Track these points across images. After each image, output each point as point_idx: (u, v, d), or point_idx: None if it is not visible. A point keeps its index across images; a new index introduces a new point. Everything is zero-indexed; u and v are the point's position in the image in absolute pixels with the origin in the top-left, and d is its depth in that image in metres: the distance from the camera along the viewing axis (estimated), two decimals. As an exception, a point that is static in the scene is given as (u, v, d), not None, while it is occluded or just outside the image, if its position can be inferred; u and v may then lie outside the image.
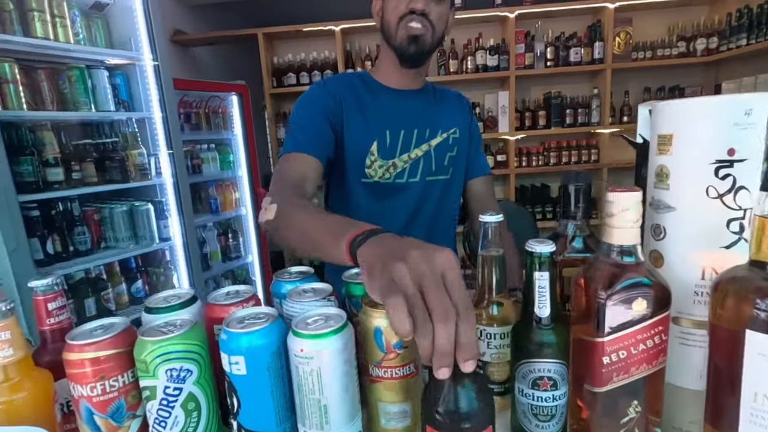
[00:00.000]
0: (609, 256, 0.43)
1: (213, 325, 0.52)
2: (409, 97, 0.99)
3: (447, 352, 0.34)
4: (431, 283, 0.37)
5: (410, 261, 0.38)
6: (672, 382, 0.46)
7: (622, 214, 0.41)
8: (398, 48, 0.93)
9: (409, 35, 0.90)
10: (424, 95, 1.01)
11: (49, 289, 0.50)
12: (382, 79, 1.00)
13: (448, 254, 0.39)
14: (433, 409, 0.38)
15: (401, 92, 0.99)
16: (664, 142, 0.44)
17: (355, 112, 0.94)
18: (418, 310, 0.35)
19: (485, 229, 0.54)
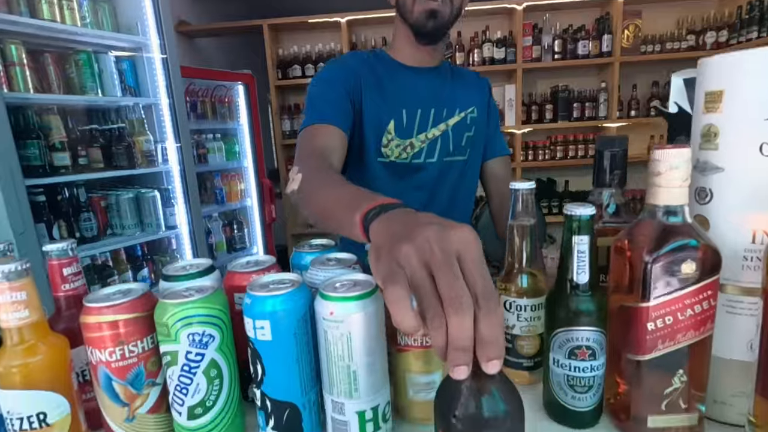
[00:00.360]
0: (654, 218, 0.41)
1: (233, 293, 0.50)
2: (425, 74, 0.97)
3: (463, 347, 0.29)
4: (442, 266, 0.30)
5: (418, 241, 0.32)
6: (717, 353, 0.44)
7: (670, 172, 0.39)
8: (415, 24, 0.90)
9: (426, 10, 0.87)
10: (441, 73, 0.99)
11: (63, 253, 0.49)
12: (397, 56, 0.97)
13: (465, 231, 0.32)
14: (448, 413, 0.32)
15: (418, 69, 0.96)
16: (712, 100, 0.42)
17: (373, 89, 0.92)
18: (426, 298, 0.30)
19: (516, 196, 0.52)
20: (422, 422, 0.48)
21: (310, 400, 0.46)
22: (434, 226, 0.32)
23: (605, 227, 0.52)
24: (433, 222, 0.33)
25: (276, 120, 3.47)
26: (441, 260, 0.30)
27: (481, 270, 0.31)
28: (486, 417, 0.31)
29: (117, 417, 0.44)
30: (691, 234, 0.40)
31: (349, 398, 0.42)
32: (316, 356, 0.46)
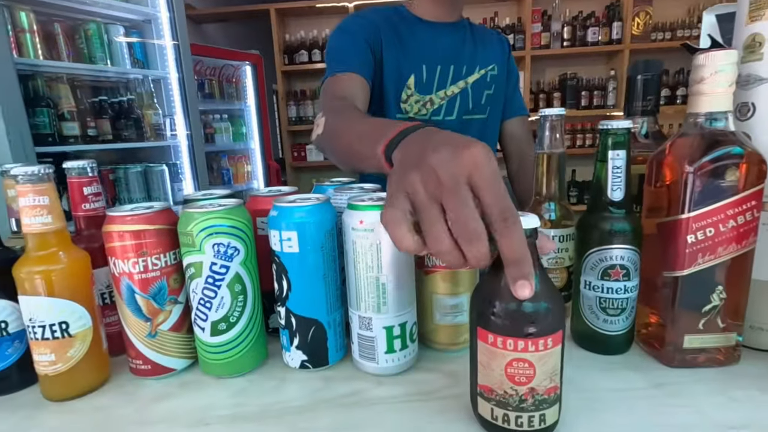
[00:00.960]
0: (696, 128, 0.40)
1: (257, 218, 0.49)
2: (445, 30, 0.95)
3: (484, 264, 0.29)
4: (448, 195, 0.29)
5: (424, 169, 0.30)
6: (755, 276, 0.43)
7: (715, 77, 0.38)
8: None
9: None
10: (461, 30, 0.97)
11: (83, 172, 0.48)
12: (417, 11, 0.96)
13: (476, 151, 0.30)
14: (487, 307, 0.32)
15: (438, 25, 0.95)
16: (758, 6, 0.40)
17: (393, 43, 0.91)
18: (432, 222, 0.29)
19: (544, 123, 0.51)
20: (448, 347, 0.47)
21: (335, 320, 0.45)
22: (444, 150, 0.31)
23: (637, 155, 0.50)
24: (446, 143, 0.31)
25: (282, 106, 3.46)
26: (448, 188, 0.29)
27: (494, 190, 0.29)
28: (527, 312, 0.31)
29: (139, 332, 0.43)
30: (736, 142, 0.38)
31: (377, 312, 0.41)
32: (341, 276, 0.45)
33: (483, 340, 0.32)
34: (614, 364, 0.45)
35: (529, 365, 0.31)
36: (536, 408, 0.32)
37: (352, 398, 0.40)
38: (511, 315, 0.31)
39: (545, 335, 0.30)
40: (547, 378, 0.31)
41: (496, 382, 0.32)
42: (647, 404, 0.38)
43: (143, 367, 0.44)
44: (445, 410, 0.38)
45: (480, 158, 0.30)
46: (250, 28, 4.03)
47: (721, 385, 0.40)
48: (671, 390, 0.40)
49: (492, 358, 0.31)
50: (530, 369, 0.31)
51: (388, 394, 0.41)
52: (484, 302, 0.32)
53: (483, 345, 0.32)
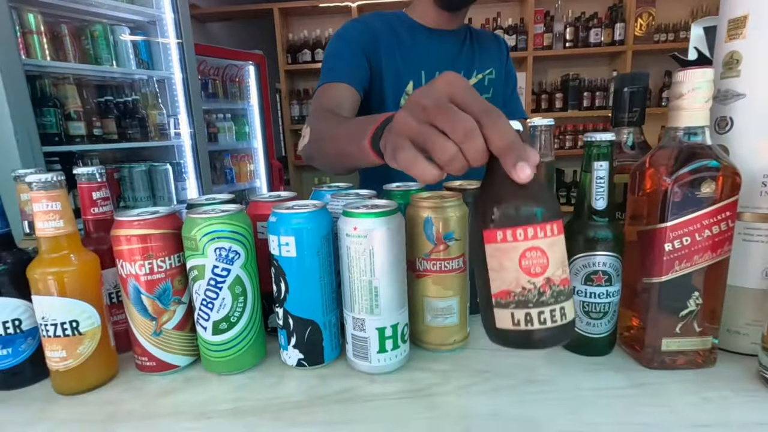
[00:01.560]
0: (675, 141, 0.42)
1: (257, 222, 0.51)
2: (445, 37, 0.97)
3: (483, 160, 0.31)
4: (435, 111, 0.31)
5: (408, 106, 0.34)
6: (731, 282, 0.45)
7: (693, 93, 0.40)
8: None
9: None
10: (460, 35, 0.99)
11: (92, 177, 0.50)
12: (418, 17, 0.98)
13: (447, 75, 0.33)
14: (492, 207, 0.31)
15: (437, 32, 0.97)
16: (736, 26, 0.42)
17: (392, 49, 0.92)
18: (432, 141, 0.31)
19: (534, 134, 0.53)
20: (439, 348, 0.49)
21: (331, 321, 0.47)
22: (421, 89, 0.34)
23: (623, 165, 0.52)
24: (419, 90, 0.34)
25: (285, 105, 3.48)
26: (434, 109, 0.32)
27: (472, 95, 0.32)
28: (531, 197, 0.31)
29: (145, 330, 0.45)
30: (712, 155, 0.40)
31: (370, 314, 0.43)
32: (337, 280, 0.47)
33: (492, 242, 0.31)
34: (597, 365, 0.47)
35: (541, 253, 0.31)
36: (555, 300, 0.31)
37: (346, 395, 0.43)
38: (517, 204, 0.31)
39: (551, 220, 0.31)
40: (559, 267, 0.31)
41: (512, 280, 0.31)
42: (625, 403, 0.40)
43: (149, 363, 0.46)
44: (435, 407, 0.41)
45: (452, 77, 0.33)
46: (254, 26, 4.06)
47: (697, 386, 0.42)
48: (649, 390, 0.42)
49: (504, 257, 0.31)
50: (543, 257, 0.31)
51: (381, 391, 0.43)
52: (488, 204, 0.32)
53: (493, 247, 0.31)
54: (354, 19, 0.97)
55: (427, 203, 0.46)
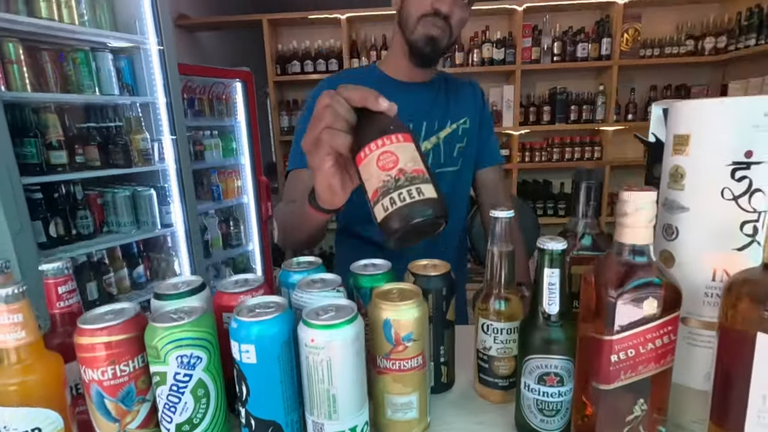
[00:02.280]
0: (621, 255, 0.43)
1: (222, 312, 0.52)
2: (418, 89, 0.98)
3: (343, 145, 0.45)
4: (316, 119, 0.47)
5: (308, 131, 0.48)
6: (678, 381, 0.47)
7: (637, 213, 0.41)
8: (413, 44, 0.92)
9: (427, 35, 0.89)
10: (435, 86, 1.00)
11: (59, 272, 0.51)
12: (391, 71, 0.99)
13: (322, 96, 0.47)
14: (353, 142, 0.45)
15: (411, 85, 0.98)
16: (680, 143, 0.44)
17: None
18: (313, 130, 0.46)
19: (495, 224, 0.54)
20: (400, 440, 0.51)
21: (293, 419, 0.48)
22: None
23: (580, 255, 0.54)
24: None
25: (274, 116, 3.47)
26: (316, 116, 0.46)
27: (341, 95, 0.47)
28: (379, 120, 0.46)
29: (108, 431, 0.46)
30: (655, 272, 0.42)
31: (329, 419, 0.45)
32: (299, 377, 0.48)
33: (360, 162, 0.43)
34: (551, 457, 0.48)
35: (391, 153, 0.41)
36: (410, 183, 0.40)
37: (305, 498, 0.44)
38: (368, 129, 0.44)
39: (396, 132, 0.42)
40: (410, 161, 0.41)
41: (376, 180, 0.41)
42: None
43: (113, 460, 0.47)
44: None
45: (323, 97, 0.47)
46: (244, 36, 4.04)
47: (642, 487, 0.44)
48: (597, 491, 0.44)
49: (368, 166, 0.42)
50: (393, 156, 0.41)
51: (339, 493, 0.44)
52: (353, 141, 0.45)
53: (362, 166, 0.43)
54: (320, 85, 0.98)
55: (387, 305, 0.47)
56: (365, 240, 1.00)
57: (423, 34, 0.89)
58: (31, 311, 0.45)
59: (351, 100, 0.43)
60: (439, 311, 0.56)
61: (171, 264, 1.91)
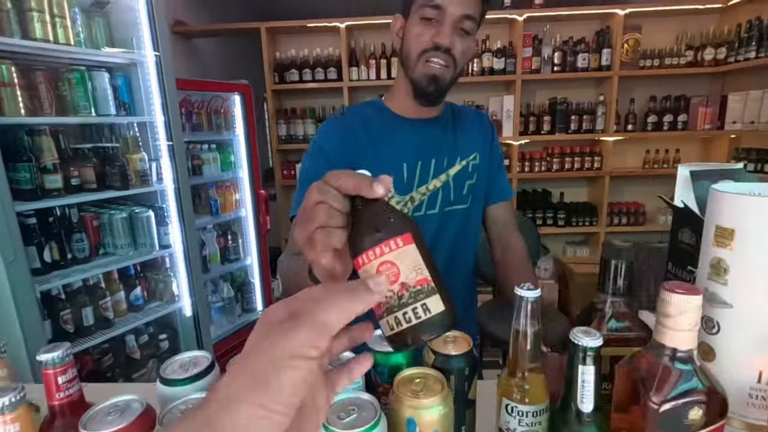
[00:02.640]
0: (660, 357, 0.41)
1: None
2: (426, 126, 0.95)
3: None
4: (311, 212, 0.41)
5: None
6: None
7: (680, 317, 0.39)
8: (416, 83, 0.89)
9: (429, 74, 0.86)
10: (443, 122, 0.98)
11: (60, 361, 0.47)
12: (397, 107, 0.96)
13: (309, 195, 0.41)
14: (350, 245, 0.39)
15: (418, 122, 0.95)
16: (723, 235, 0.42)
17: (369, 149, 0.91)
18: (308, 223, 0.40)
19: (521, 303, 0.51)
20: None
21: None
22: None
23: (609, 335, 0.51)
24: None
25: (272, 125, 3.43)
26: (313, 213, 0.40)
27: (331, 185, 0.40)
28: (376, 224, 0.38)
29: None
30: (699, 378, 0.39)
31: None
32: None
33: (359, 268, 0.38)
34: None
35: (391, 264, 0.36)
36: (415, 299, 0.36)
37: None
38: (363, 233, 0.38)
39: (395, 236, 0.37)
40: (412, 271, 0.36)
41: None
42: None
43: None
44: None
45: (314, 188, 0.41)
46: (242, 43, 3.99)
47: None
48: None
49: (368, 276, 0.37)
50: (394, 267, 0.36)
51: None
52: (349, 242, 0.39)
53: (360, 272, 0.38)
54: (323, 127, 0.95)
55: (410, 402, 0.44)
56: None
57: (424, 73, 0.86)
58: (30, 418, 0.42)
59: (343, 189, 0.39)
60: (461, 392, 0.53)
61: (169, 285, 1.88)
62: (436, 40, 0.83)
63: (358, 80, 3.31)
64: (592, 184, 3.58)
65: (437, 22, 0.84)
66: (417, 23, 0.86)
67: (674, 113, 3.26)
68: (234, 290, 2.53)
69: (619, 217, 3.44)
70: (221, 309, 2.47)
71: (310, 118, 3.45)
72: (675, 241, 0.61)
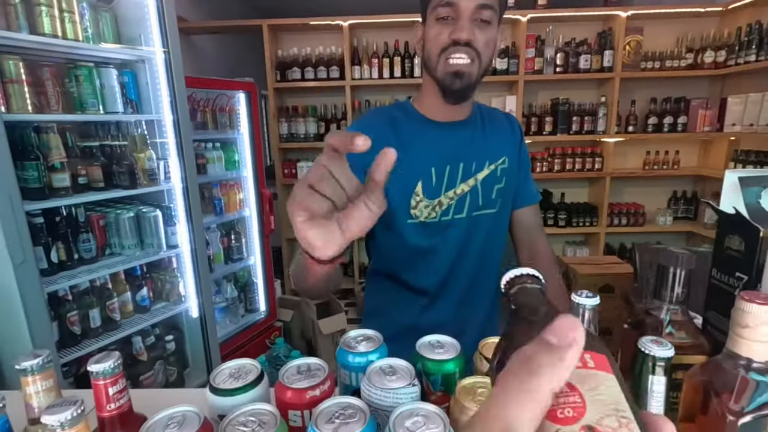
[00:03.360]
0: (735, 367, 0.40)
1: (288, 410, 0.48)
2: (454, 129, 0.94)
3: None
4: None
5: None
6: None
7: (758, 328, 0.38)
8: (440, 82, 0.88)
9: (452, 71, 0.85)
10: (472, 125, 0.96)
11: (110, 372, 0.46)
12: (425, 110, 0.94)
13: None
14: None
15: (446, 125, 0.94)
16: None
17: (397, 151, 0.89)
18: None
19: (578, 311, 0.51)
20: None
21: None
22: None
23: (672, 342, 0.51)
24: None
25: (273, 123, 3.40)
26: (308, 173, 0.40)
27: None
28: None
29: None
30: (775, 389, 0.39)
31: None
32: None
33: None
34: None
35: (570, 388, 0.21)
36: None
37: None
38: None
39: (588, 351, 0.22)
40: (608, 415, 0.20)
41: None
42: None
43: None
44: None
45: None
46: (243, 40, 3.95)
47: None
48: None
49: None
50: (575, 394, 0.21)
51: None
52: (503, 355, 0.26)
53: None
54: (352, 127, 0.93)
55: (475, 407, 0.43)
56: (401, 284, 0.96)
57: (447, 71, 0.85)
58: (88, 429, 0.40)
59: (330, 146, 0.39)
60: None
61: (176, 285, 1.85)
62: (454, 36, 0.82)
63: (361, 79, 3.29)
64: (593, 185, 3.60)
65: (453, 19, 0.82)
66: (434, 24, 0.85)
67: (674, 115, 3.29)
68: (237, 290, 2.51)
69: (619, 217, 3.47)
70: (225, 309, 2.44)
71: (311, 116, 3.43)
72: (721, 248, 0.61)
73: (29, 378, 0.45)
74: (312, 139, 3.43)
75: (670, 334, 0.52)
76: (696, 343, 0.51)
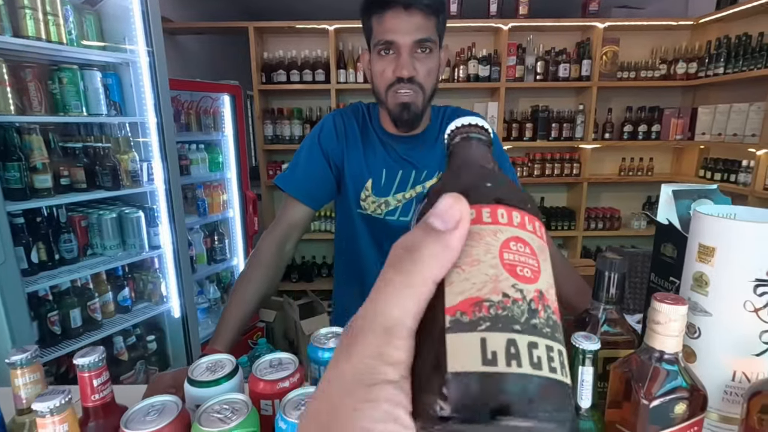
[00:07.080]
0: (650, 359, 0.46)
1: (260, 399, 0.53)
2: (410, 142, 1.00)
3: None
4: None
5: None
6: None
7: (668, 324, 0.44)
8: (391, 113, 0.94)
9: (400, 103, 0.91)
10: (428, 136, 1.01)
11: (94, 365, 0.50)
12: (384, 123, 1.01)
13: None
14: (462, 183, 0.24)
15: (402, 138, 1.00)
16: (705, 252, 0.47)
17: (357, 146, 0.98)
18: None
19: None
20: None
21: None
22: None
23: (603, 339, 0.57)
24: None
25: (258, 125, 3.42)
26: None
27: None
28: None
29: None
30: (684, 377, 0.45)
31: None
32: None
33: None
34: None
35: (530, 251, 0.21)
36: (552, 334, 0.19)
37: None
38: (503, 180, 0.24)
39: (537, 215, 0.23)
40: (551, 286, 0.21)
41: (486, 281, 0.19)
42: None
43: None
44: None
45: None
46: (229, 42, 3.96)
47: None
48: None
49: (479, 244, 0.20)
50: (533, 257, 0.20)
51: None
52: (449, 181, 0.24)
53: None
54: (331, 116, 1.01)
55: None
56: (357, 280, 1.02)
57: (395, 102, 0.91)
58: (75, 417, 0.44)
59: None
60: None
61: (158, 286, 1.86)
62: (397, 74, 0.88)
63: (346, 83, 3.34)
64: (571, 190, 3.71)
65: (395, 55, 0.88)
66: (377, 60, 0.91)
67: (648, 123, 3.41)
68: (220, 291, 2.52)
69: (595, 221, 3.58)
70: (207, 310, 2.46)
71: (297, 119, 3.46)
72: (658, 254, 0.67)
73: (18, 371, 0.49)
74: (297, 141, 3.46)
75: (606, 332, 0.58)
76: (628, 339, 0.57)
